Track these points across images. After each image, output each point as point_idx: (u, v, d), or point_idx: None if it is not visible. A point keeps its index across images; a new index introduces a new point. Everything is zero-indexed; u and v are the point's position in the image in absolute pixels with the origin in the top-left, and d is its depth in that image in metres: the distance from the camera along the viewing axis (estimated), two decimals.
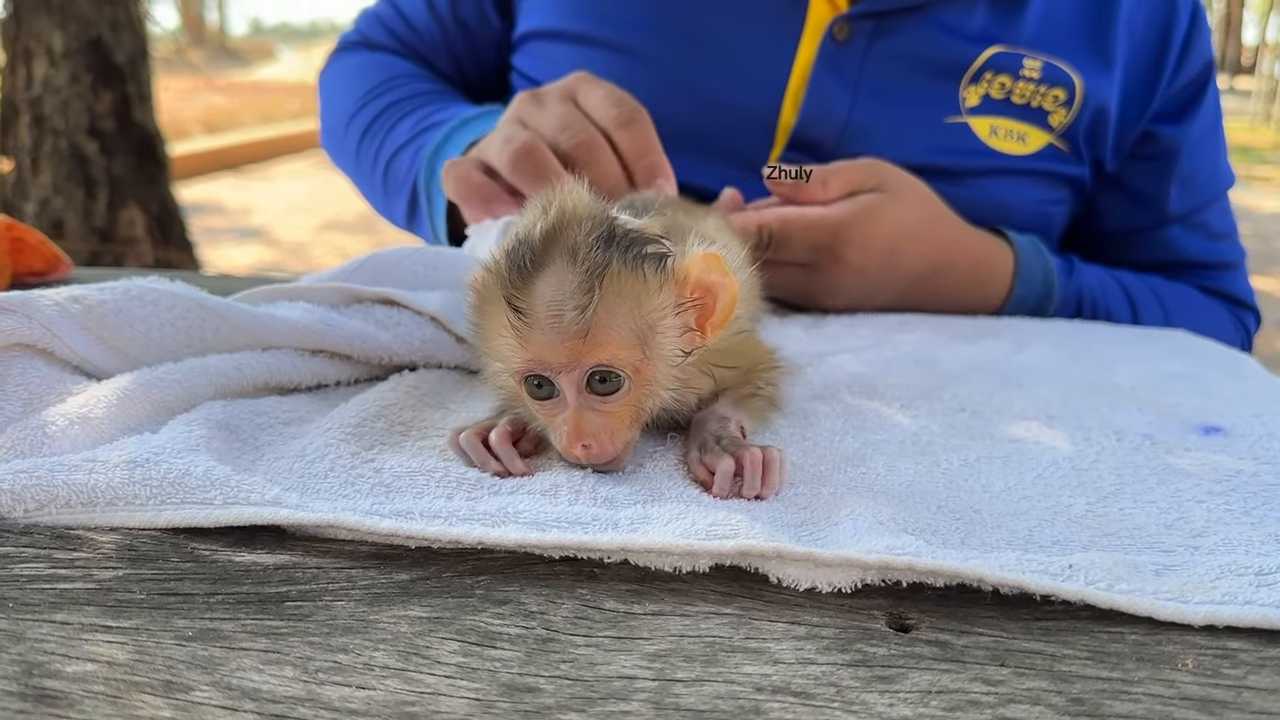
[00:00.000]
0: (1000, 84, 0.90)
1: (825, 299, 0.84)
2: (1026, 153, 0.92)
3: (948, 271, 0.85)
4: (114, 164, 2.15)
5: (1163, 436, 0.57)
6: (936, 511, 0.47)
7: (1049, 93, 0.91)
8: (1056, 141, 0.92)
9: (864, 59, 0.90)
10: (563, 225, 0.47)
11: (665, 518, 0.44)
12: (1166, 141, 0.96)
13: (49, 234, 2.06)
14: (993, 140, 0.91)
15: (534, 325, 0.47)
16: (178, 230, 2.31)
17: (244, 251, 4.96)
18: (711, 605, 0.39)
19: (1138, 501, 0.49)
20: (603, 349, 0.47)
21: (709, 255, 0.48)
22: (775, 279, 0.75)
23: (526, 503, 0.46)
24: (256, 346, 0.60)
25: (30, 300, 0.56)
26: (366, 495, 0.47)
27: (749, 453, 0.48)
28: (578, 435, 0.48)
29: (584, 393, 0.48)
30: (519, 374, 0.48)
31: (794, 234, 0.79)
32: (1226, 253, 1.02)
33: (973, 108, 0.91)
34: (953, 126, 0.91)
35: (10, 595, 0.39)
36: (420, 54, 1.08)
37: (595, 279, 0.46)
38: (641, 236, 0.48)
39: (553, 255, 0.47)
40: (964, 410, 0.60)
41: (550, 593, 0.40)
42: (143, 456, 0.46)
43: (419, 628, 0.37)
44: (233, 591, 0.40)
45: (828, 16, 0.90)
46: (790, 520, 0.46)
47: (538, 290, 0.46)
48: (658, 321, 0.48)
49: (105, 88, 2.14)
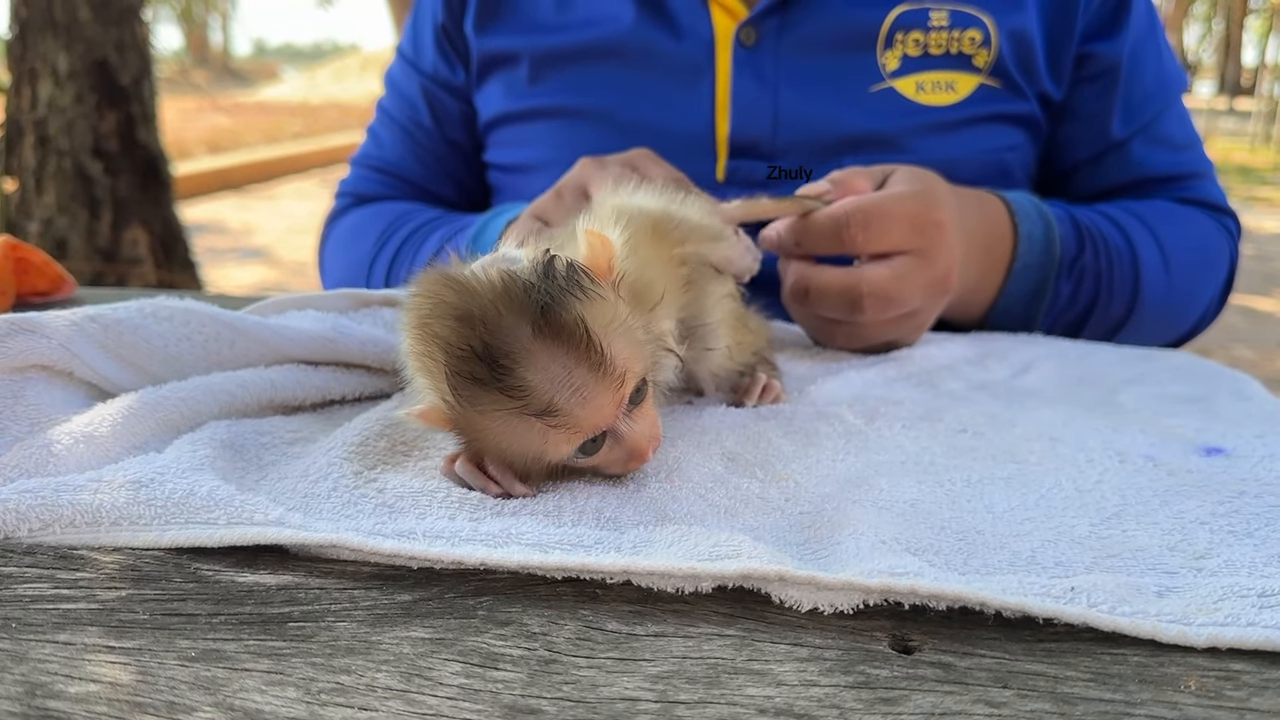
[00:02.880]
0: (914, 40, 0.91)
1: (855, 344, 0.79)
2: (958, 99, 0.92)
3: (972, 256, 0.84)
4: (118, 184, 2.16)
5: (1165, 458, 0.57)
6: (939, 531, 0.47)
7: (964, 35, 0.91)
8: (987, 79, 0.92)
9: (776, 56, 0.92)
10: (493, 315, 0.46)
11: (668, 539, 0.44)
12: (1104, 59, 0.95)
13: (53, 254, 2.06)
14: (921, 96, 0.92)
15: (570, 410, 0.46)
16: (181, 250, 2.31)
17: (246, 271, 4.98)
18: (714, 626, 0.39)
19: (1140, 523, 0.49)
20: (631, 376, 0.48)
21: (589, 233, 0.50)
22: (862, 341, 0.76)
23: (529, 524, 0.46)
24: (271, 358, 0.60)
25: (48, 320, 0.56)
26: (369, 515, 0.47)
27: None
28: (642, 450, 0.49)
29: (625, 416, 0.49)
30: (570, 455, 0.48)
31: (823, 297, 0.75)
32: (1193, 163, 1.00)
33: (894, 71, 0.91)
34: (878, 94, 0.92)
35: (14, 615, 0.39)
36: (421, 189, 1.09)
37: (582, 329, 0.46)
38: (548, 265, 0.47)
39: (520, 344, 0.45)
40: (966, 431, 0.60)
41: (553, 614, 0.40)
42: (147, 476, 0.46)
43: (421, 649, 0.37)
44: (235, 612, 0.40)
45: (731, 26, 0.92)
46: (794, 539, 0.47)
47: (540, 382, 0.45)
48: (626, 316, 0.49)
49: (110, 108, 2.15)
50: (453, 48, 1.04)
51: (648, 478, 0.52)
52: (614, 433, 0.48)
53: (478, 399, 0.46)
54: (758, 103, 0.92)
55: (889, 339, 0.77)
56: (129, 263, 2.14)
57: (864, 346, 0.77)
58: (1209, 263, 0.97)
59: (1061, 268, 0.87)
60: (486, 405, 0.46)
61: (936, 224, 0.75)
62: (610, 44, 0.95)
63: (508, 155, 1.02)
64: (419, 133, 1.07)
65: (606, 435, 0.49)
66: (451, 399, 0.47)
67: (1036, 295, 0.87)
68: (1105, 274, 0.90)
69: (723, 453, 0.56)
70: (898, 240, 0.73)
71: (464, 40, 1.02)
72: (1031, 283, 0.86)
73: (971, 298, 0.86)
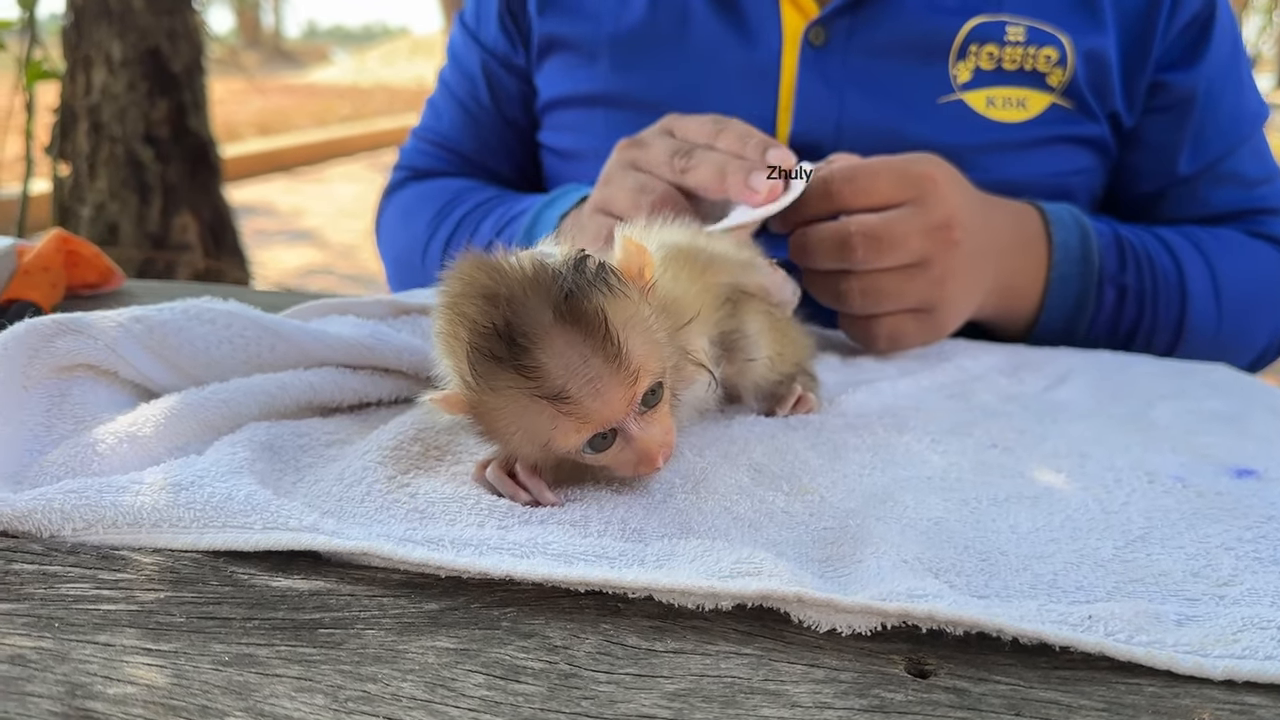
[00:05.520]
0: (988, 54, 0.89)
1: (942, 312, 0.77)
2: (1029, 118, 0.90)
3: (1004, 253, 0.83)
4: (168, 171, 2.20)
5: (1195, 479, 0.57)
6: (962, 551, 0.48)
7: (1039, 53, 0.89)
8: (1060, 100, 0.90)
9: (845, 58, 0.91)
10: (520, 296, 0.47)
11: (691, 554, 0.45)
12: (1178, 90, 0.93)
13: (104, 239, 2.11)
14: (991, 111, 0.90)
15: (581, 399, 0.47)
16: (230, 237, 2.35)
17: (295, 254, 5.03)
18: (732, 644, 0.40)
19: (1165, 547, 0.49)
20: (646, 375, 0.48)
21: (626, 239, 0.51)
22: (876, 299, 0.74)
23: (556, 534, 0.47)
24: (310, 362, 0.62)
25: (95, 321, 0.57)
26: (401, 521, 0.48)
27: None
28: (654, 454, 0.49)
29: (638, 418, 0.49)
30: (580, 446, 0.49)
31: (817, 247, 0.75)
32: (1266, 198, 0.97)
33: (965, 84, 0.90)
34: (947, 106, 0.90)
35: (57, 615, 0.41)
36: (474, 162, 1.09)
37: (601, 320, 0.47)
38: (579, 261, 0.49)
39: (541, 326, 0.46)
40: (995, 447, 0.60)
41: (575, 627, 0.41)
42: (187, 479, 0.48)
43: (446, 659, 0.39)
44: (268, 617, 0.41)
45: (800, 25, 0.91)
46: (816, 555, 0.47)
47: (555, 366, 0.46)
48: (650, 320, 0.50)
49: (161, 96, 2.19)
50: (515, 26, 1.04)
51: (675, 488, 0.53)
52: (625, 432, 0.49)
53: (494, 377, 0.47)
54: (823, 105, 0.91)
55: (911, 299, 0.75)
56: (178, 249, 2.19)
57: (893, 325, 0.76)
58: (1270, 298, 0.94)
59: (1102, 281, 0.86)
60: (501, 384, 0.47)
61: (926, 176, 0.75)
62: (674, 34, 0.94)
63: (561, 139, 1.02)
64: (476, 108, 1.07)
65: (617, 434, 0.49)
66: (470, 378, 0.48)
67: (1078, 309, 0.86)
68: (1149, 296, 0.88)
69: (750, 464, 0.56)
70: (886, 192, 0.73)
71: (526, 19, 1.02)
72: (1072, 294, 0.85)
73: (1012, 303, 0.85)
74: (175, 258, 2.19)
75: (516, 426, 0.49)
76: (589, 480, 0.53)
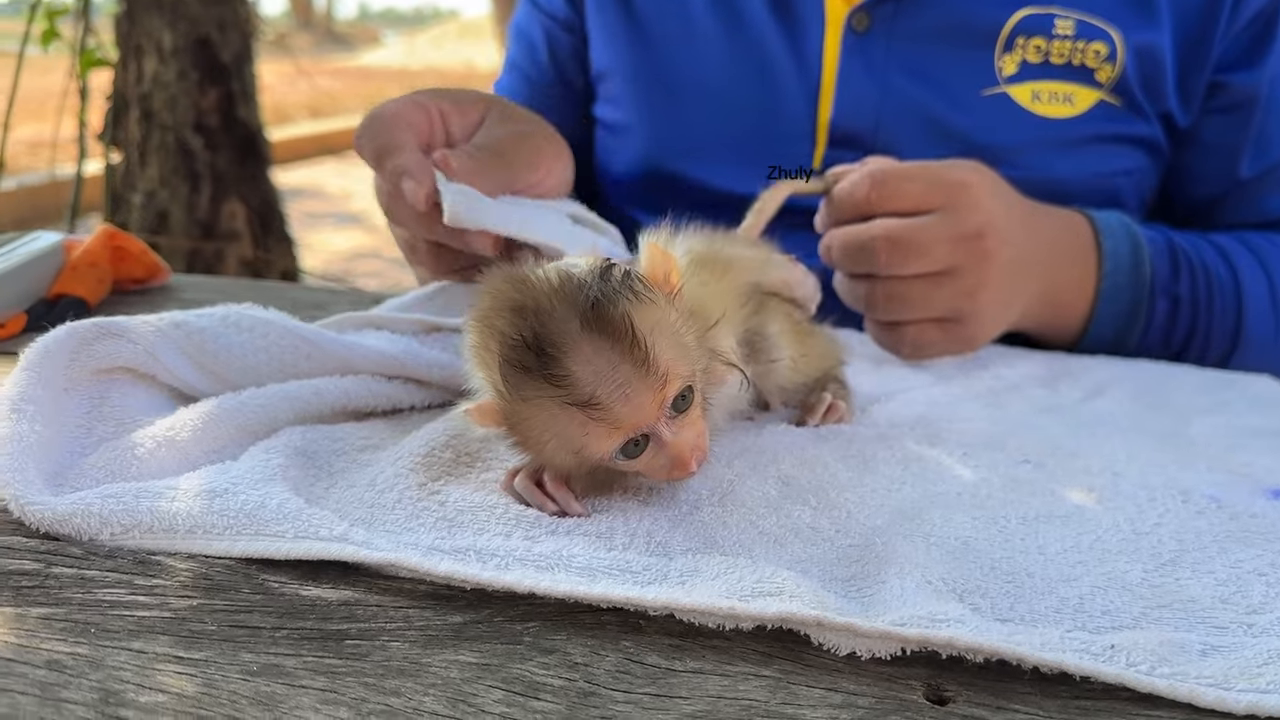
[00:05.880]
0: (1035, 47, 0.87)
1: (973, 323, 0.76)
2: (1075, 114, 0.88)
3: (1050, 264, 0.81)
4: (217, 159, 2.24)
5: (1230, 499, 0.56)
6: (989, 572, 0.48)
7: (1088, 48, 0.87)
8: (1108, 97, 0.88)
9: (888, 44, 0.89)
10: (547, 307, 0.47)
11: (714, 570, 0.45)
12: (1239, 90, 0.90)
13: (154, 226, 2.15)
14: (1036, 106, 0.88)
15: (612, 404, 0.47)
16: (277, 224, 2.39)
17: (343, 236, 5.08)
18: (751, 665, 0.40)
19: (1195, 571, 0.48)
20: (675, 379, 0.49)
21: (651, 245, 0.51)
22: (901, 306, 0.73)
23: (581, 546, 0.47)
24: (344, 370, 0.62)
25: (134, 325, 0.59)
26: (430, 529, 0.49)
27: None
28: (687, 459, 0.50)
29: (669, 422, 0.50)
30: (612, 453, 0.49)
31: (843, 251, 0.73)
32: None
33: (1010, 76, 0.88)
34: (990, 99, 0.88)
35: (93, 621, 0.42)
36: None
37: (628, 327, 0.47)
38: (605, 270, 0.49)
39: (568, 336, 0.47)
40: (1028, 462, 0.60)
41: (595, 643, 0.41)
42: (221, 486, 0.49)
43: (468, 673, 0.39)
44: (298, 626, 0.42)
45: (843, 9, 0.90)
46: (840, 574, 0.47)
47: (585, 374, 0.47)
48: (678, 324, 0.50)
49: (211, 85, 2.22)
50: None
51: (701, 500, 0.53)
52: (657, 437, 0.49)
53: (525, 387, 0.48)
54: (863, 93, 0.90)
55: (938, 309, 0.73)
56: (227, 236, 2.22)
57: (918, 333, 0.74)
58: None
59: (1155, 291, 0.84)
60: (532, 394, 0.48)
61: (960, 183, 0.73)
62: (717, 11, 0.94)
63: (608, 112, 1.02)
64: (535, 72, 1.07)
65: (649, 439, 0.49)
66: (502, 388, 0.49)
67: (1129, 320, 0.84)
68: (1203, 305, 0.85)
69: (778, 475, 0.56)
70: (916, 198, 0.72)
71: None
72: (1124, 305, 0.83)
73: (1059, 314, 0.84)
74: (224, 245, 2.22)
75: (549, 435, 0.50)
76: (617, 490, 0.53)
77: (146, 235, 2.06)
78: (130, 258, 0.87)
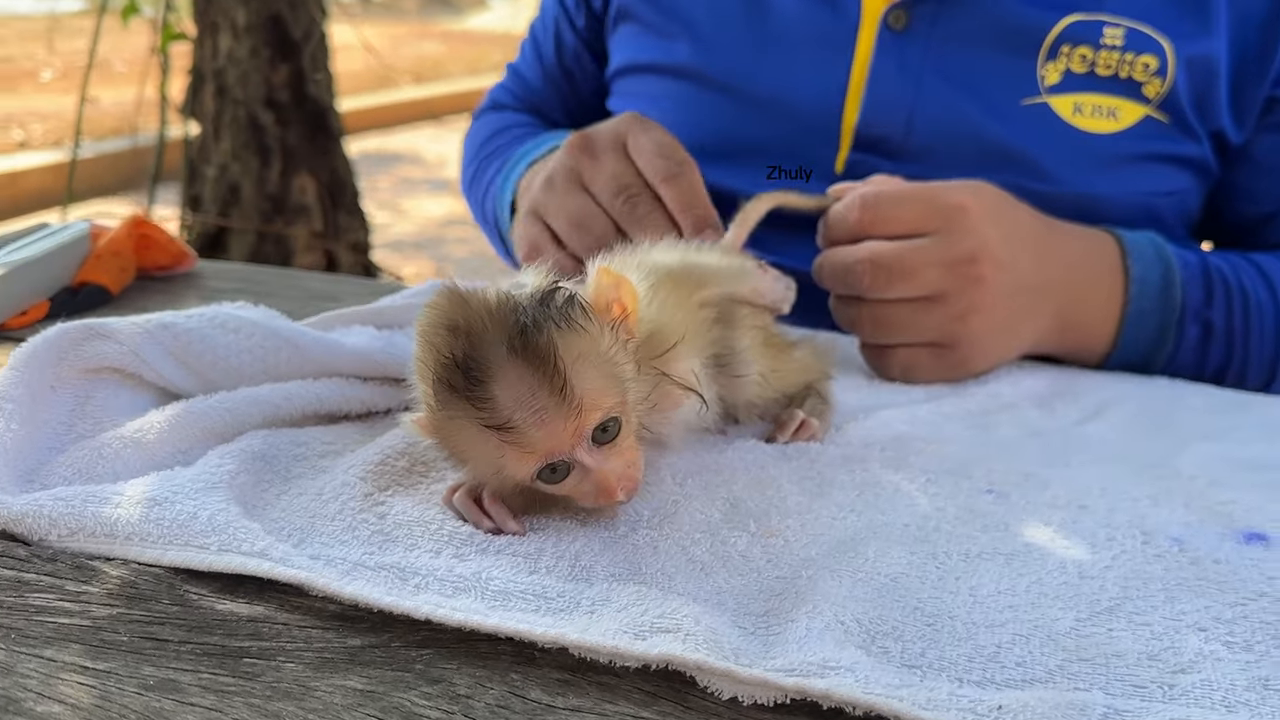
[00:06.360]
0: (1081, 56, 0.83)
1: (965, 349, 0.74)
2: (1118, 129, 0.84)
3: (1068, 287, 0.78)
4: (287, 134, 2.30)
5: (1195, 542, 0.54)
6: (910, 613, 0.47)
7: (1137, 60, 0.83)
8: (1155, 113, 0.84)
9: (926, 45, 0.86)
10: (478, 329, 0.48)
11: (624, 601, 0.45)
12: None
13: (226, 199, 2.21)
14: (1077, 120, 0.85)
15: (527, 430, 0.48)
16: (349, 197, 2.44)
17: (437, 203, 5.15)
18: (633, 706, 0.40)
19: (1131, 623, 0.47)
20: (596, 409, 0.49)
21: (603, 271, 0.52)
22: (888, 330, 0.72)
23: (504, 567, 0.48)
24: (322, 373, 0.64)
25: (121, 327, 0.61)
26: (362, 543, 0.50)
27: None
28: (612, 487, 0.50)
29: (593, 451, 0.50)
30: (530, 476, 0.50)
31: (831, 271, 0.73)
32: None
33: (1052, 86, 0.84)
34: (1030, 109, 0.85)
35: (17, 626, 0.44)
36: (536, 107, 1.14)
37: (551, 355, 0.47)
38: (546, 294, 0.50)
39: (494, 360, 0.48)
40: (991, 492, 0.58)
41: (485, 674, 0.42)
42: (162, 495, 0.50)
43: (350, 700, 0.40)
44: (203, 641, 0.43)
45: (880, 6, 0.87)
46: (756, 609, 0.47)
47: (505, 398, 0.47)
48: (613, 355, 0.51)
49: (282, 61, 2.28)
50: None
51: (640, 522, 0.53)
52: (580, 464, 0.50)
53: (451, 406, 0.49)
54: (896, 94, 0.87)
55: (927, 333, 0.72)
56: (296, 210, 2.28)
57: (907, 357, 0.73)
58: None
59: (1185, 317, 0.80)
60: (457, 413, 0.49)
61: (956, 206, 0.71)
62: (751, 9, 0.92)
63: (626, 108, 1.01)
64: (544, 49, 1.11)
65: (574, 465, 0.50)
66: (433, 404, 0.50)
67: (1156, 346, 0.80)
68: (1239, 331, 0.81)
69: (727, 497, 0.56)
70: (909, 221, 0.70)
71: None
72: (1150, 330, 0.80)
73: (1079, 338, 0.80)
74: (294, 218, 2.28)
75: (474, 453, 0.51)
76: (559, 509, 0.54)
77: (218, 208, 2.13)
78: (156, 245, 0.90)
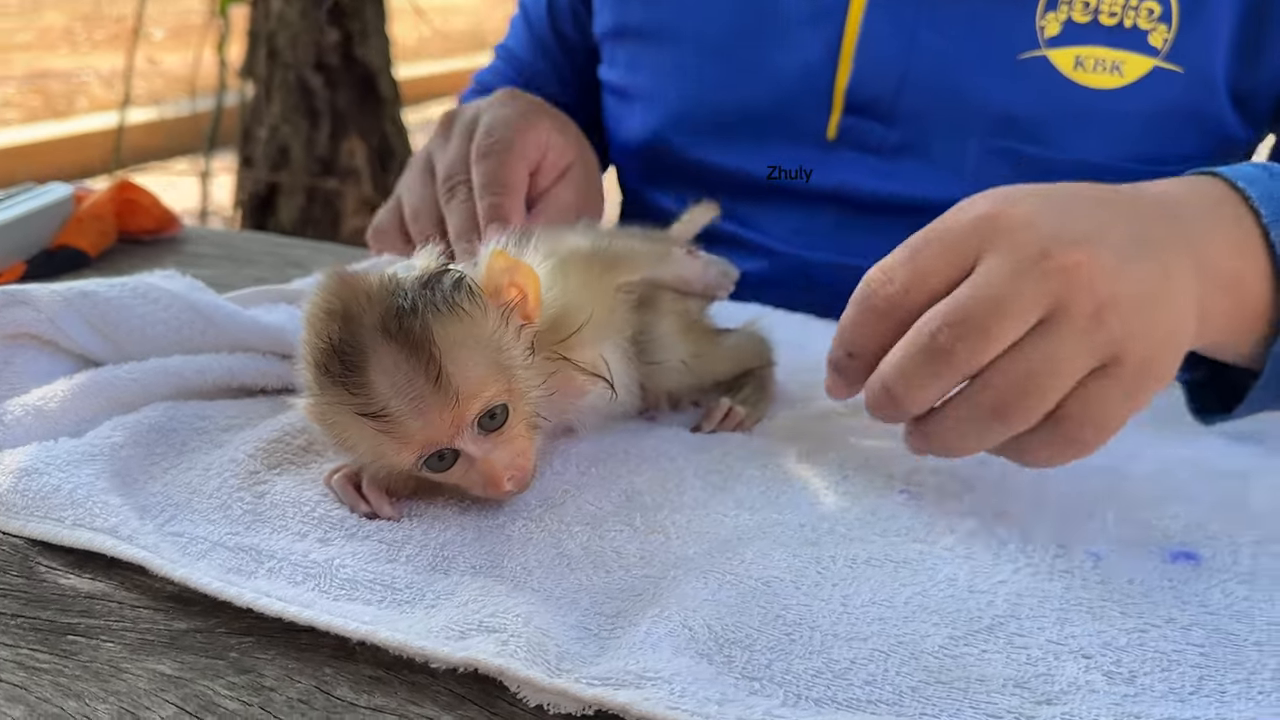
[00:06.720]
0: (1083, 3, 0.76)
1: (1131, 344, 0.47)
2: (1123, 84, 0.77)
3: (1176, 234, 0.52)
4: (336, 97, 2.31)
5: (1114, 559, 0.50)
6: (769, 622, 0.44)
7: (1141, 6, 0.76)
8: (1164, 63, 0.76)
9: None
10: (355, 313, 0.46)
11: (466, 596, 0.44)
12: None
13: (276, 161, 2.24)
14: (1078, 74, 0.78)
15: (402, 418, 0.46)
16: (399, 162, 2.45)
17: None
18: (439, 708, 0.39)
19: (1009, 644, 0.43)
20: (476, 398, 0.48)
21: (496, 254, 0.49)
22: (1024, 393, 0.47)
23: (361, 554, 0.47)
24: (235, 349, 0.63)
25: (41, 294, 0.61)
26: (230, 523, 0.49)
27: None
28: (498, 478, 0.49)
29: (479, 440, 0.48)
30: (414, 464, 0.49)
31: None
32: None
33: (1052, 38, 0.78)
34: (1027, 63, 0.78)
35: None
36: (528, 84, 1.05)
37: (426, 342, 0.46)
38: (432, 277, 0.48)
39: (368, 345, 0.46)
40: (906, 491, 0.55)
41: (298, 666, 0.41)
42: (35, 465, 0.50)
43: (155, 685, 0.39)
44: (35, 616, 0.43)
45: None
46: (607, 609, 0.45)
47: (380, 385, 0.46)
48: (500, 340, 0.49)
49: (331, 25, 2.29)
50: None
51: (521, 512, 0.51)
52: (465, 454, 0.48)
53: (329, 392, 0.48)
54: (888, 53, 0.82)
55: (1078, 359, 0.47)
56: (345, 173, 2.30)
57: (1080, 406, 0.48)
58: None
59: None
60: (334, 400, 0.48)
61: (977, 217, 0.49)
62: None
63: (615, 75, 0.97)
64: (534, 15, 1.05)
65: (460, 454, 0.48)
66: (314, 388, 0.49)
67: None
68: None
69: (626, 489, 0.54)
70: (939, 270, 0.50)
71: None
72: None
73: (1241, 287, 0.53)
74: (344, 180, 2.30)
75: (354, 442, 0.49)
76: (447, 495, 0.52)
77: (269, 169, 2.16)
78: (141, 210, 0.91)
